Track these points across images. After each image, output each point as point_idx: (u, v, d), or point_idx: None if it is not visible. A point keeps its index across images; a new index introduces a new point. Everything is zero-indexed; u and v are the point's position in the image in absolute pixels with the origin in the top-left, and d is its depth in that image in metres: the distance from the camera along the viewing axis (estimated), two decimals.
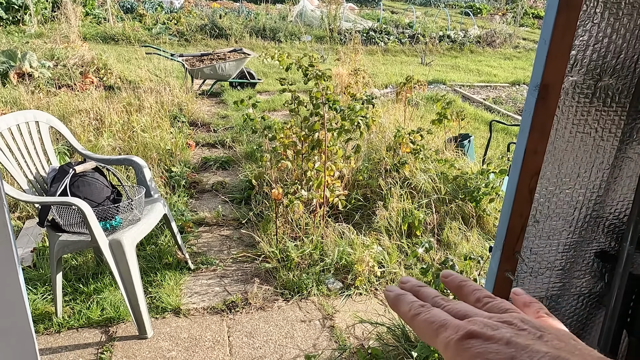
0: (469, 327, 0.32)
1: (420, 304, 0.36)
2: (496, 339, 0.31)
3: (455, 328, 0.32)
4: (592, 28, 0.91)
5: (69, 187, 2.35)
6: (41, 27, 9.93)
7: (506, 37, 12.85)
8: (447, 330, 0.32)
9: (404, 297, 0.37)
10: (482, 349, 0.30)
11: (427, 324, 0.34)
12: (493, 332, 0.31)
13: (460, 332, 0.31)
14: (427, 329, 0.34)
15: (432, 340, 0.33)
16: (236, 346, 2.40)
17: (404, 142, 3.84)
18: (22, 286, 1.19)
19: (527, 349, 0.30)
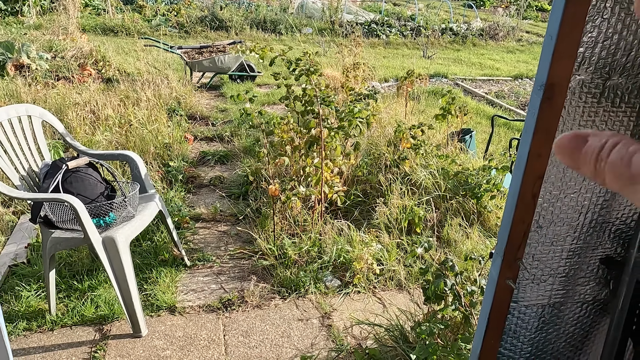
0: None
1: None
2: None
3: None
4: (601, 24, 0.86)
5: (61, 183, 2.31)
6: (40, 19, 9.85)
7: (509, 30, 12.73)
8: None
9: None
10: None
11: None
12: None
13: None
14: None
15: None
16: (232, 345, 2.37)
17: (405, 137, 3.79)
18: None
19: None
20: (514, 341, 1.14)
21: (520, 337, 1.14)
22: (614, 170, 0.23)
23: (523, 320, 1.12)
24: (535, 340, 1.15)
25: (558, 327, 1.15)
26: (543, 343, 1.16)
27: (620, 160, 0.23)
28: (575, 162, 0.25)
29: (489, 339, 1.09)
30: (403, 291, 2.81)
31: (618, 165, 0.23)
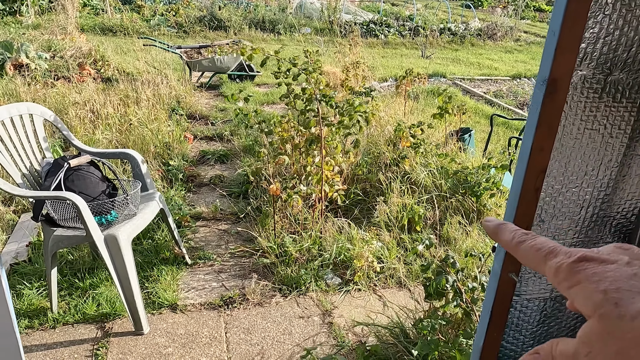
0: (582, 252, 0.30)
1: (524, 232, 0.35)
2: (612, 261, 0.29)
3: (567, 253, 0.31)
4: (603, 20, 0.87)
5: (63, 181, 2.31)
6: (38, 18, 9.84)
7: (507, 30, 12.76)
8: (557, 256, 0.31)
9: (506, 226, 0.36)
10: (599, 269, 0.28)
11: (534, 250, 0.33)
12: (608, 256, 0.30)
13: (573, 257, 0.30)
14: (534, 256, 0.33)
15: (539, 266, 0.32)
16: (233, 342, 2.38)
17: (404, 136, 3.80)
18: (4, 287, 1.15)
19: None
20: (516, 334, 1.16)
21: (523, 330, 1.15)
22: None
23: (525, 313, 1.13)
24: (537, 334, 1.17)
25: (560, 320, 1.16)
26: (545, 336, 1.18)
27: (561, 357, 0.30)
28: None
29: (491, 332, 1.11)
30: (403, 289, 2.82)
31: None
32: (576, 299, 0.29)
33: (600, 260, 0.29)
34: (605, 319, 0.27)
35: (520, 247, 0.34)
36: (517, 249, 0.34)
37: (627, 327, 0.26)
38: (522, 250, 0.34)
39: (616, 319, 0.26)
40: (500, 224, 0.37)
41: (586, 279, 0.29)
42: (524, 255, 0.34)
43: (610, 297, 0.27)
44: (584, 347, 0.28)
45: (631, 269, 0.28)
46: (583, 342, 0.28)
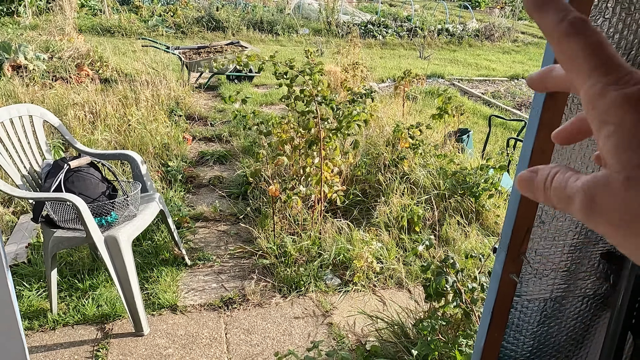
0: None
1: (580, 17, 0.26)
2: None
3: (626, 77, 0.24)
4: (603, 23, 0.88)
5: (63, 183, 2.32)
6: (36, 19, 9.82)
7: (505, 31, 12.79)
8: (611, 74, 0.24)
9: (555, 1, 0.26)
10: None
11: (587, 52, 0.24)
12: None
13: (637, 87, 0.23)
14: (582, 59, 0.25)
15: (581, 75, 0.25)
16: (233, 343, 2.38)
17: (403, 137, 3.81)
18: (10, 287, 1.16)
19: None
20: (517, 335, 1.17)
21: (523, 330, 1.16)
22: (556, 194, 0.26)
23: (526, 314, 1.14)
24: (538, 334, 1.18)
25: (560, 320, 1.17)
26: (545, 336, 1.18)
27: (559, 185, 0.26)
28: (532, 193, 0.28)
29: (492, 332, 1.11)
30: (403, 289, 2.83)
31: (558, 189, 0.26)
32: (609, 140, 0.24)
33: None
34: (632, 183, 0.23)
35: (567, 40, 0.25)
36: (562, 40, 0.25)
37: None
38: (568, 43, 0.25)
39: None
40: None
41: (636, 124, 0.23)
42: (567, 52, 0.25)
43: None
44: (588, 197, 0.24)
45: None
46: (589, 192, 0.24)
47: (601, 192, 0.24)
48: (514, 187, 1.00)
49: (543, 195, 0.27)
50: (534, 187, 0.28)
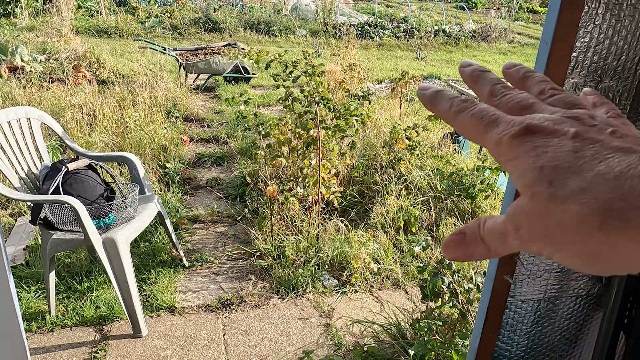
0: (526, 122, 0.27)
1: (463, 99, 0.31)
2: (560, 133, 0.26)
3: (510, 123, 0.27)
4: (593, 29, 0.90)
5: (61, 185, 2.32)
6: (32, 20, 9.81)
7: (501, 32, 12.84)
8: (499, 126, 0.28)
9: (443, 92, 0.32)
10: (541, 143, 0.26)
11: (474, 120, 0.29)
12: (556, 126, 0.26)
13: (516, 127, 0.27)
14: (473, 126, 0.29)
15: (479, 138, 0.29)
16: (231, 344, 2.40)
17: (400, 138, 3.83)
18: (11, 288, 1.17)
19: (595, 144, 0.25)
20: (511, 335, 1.18)
21: (517, 330, 1.18)
22: (491, 237, 0.28)
23: (520, 314, 1.16)
24: (532, 334, 1.19)
25: (553, 320, 1.19)
26: (539, 336, 1.20)
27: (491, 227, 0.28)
28: (467, 250, 0.30)
29: (487, 332, 1.13)
30: (400, 290, 2.85)
31: (491, 231, 0.28)
32: (513, 174, 0.27)
33: (546, 132, 0.26)
34: (536, 199, 0.25)
35: (458, 117, 0.30)
36: (455, 119, 0.30)
37: (556, 209, 0.24)
38: (460, 120, 0.30)
39: (547, 200, 0.24)
40: (436, 91, 0.32)
41: (525, 153, 0.26)
42: (463, 126, 0.30)
43: (545, 174, 0.25)
44: (512, 226, 0.26)
45: (575, 143, 0.25)
46: (512, 220, 0.26)
47: (520, 217, 0.26)
48: (508, 188, 1.02)
49: (481, 246, 0.29)
50: (468, 243, 0.29)
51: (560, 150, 0.25)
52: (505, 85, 0.32)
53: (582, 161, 0.24)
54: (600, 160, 0.24)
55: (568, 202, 0.24)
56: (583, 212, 0.23)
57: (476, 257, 0.29)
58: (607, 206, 0.23)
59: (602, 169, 0.24)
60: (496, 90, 0.32)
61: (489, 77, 0.33)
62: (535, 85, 0.32)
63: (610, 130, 0.26)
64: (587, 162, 0.24)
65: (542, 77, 0.33)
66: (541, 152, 0.25)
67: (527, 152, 0.26)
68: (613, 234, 0.23)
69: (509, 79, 0.36)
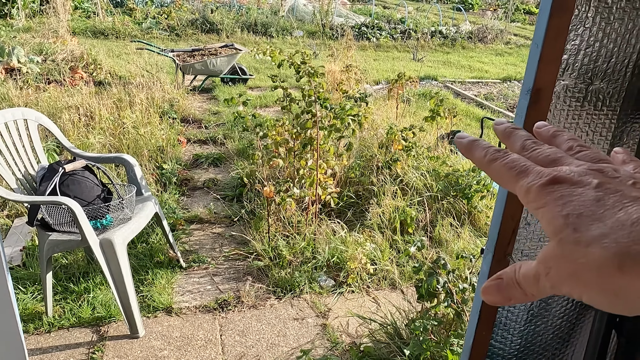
0: (553, 173, 0.29)
1: (497, 149, 0.33)
2: (584, 183, 0.29)
3: (539, 174, 0.30)
4: (583, 32, 0.92)
5: (58, 186, 2.33)
6: (29, 21, 9.79)
7: (497, 33, 12.89)
8: (528, 176, 0.30)
9: (478, 142, 0.35)
10: (567, 192, 0.28)
11: (506, 169, 0.32)
12: (581, 177, 0.29)
13: (545, 178, 0.29)
14: (505, 175, 0.32)
15: (510, 185, 0.31)
16: (228, 345, 2.40)
17: (396, 139, 3.85)
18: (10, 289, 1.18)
19: (616, 194, 0.28)
20: (505, 334, 1.20)
21: (511, 329, 1.20)
22: (526, 282, 0.30)
23: (513, 313, 1.17)
24: (525, 332, 1.21)
25: (546, 319, 1.20)
26: (532, 335, 1.22)
27: (525, 273, 0.30)
28: (505, 295, 0.32)
29: (480, 331, 1.14)
30: (396, 290, 2.86)
31: (526, 277, 0.30)
32: (542, 220, 0.29)
33: (571, 183, 0.29)
34: (563, 243, 0.27)
35: (492, 165, 0.33)
36: (489, 167, 0.33)
37: (581, 253, 0.26)
38: (493, 169, 0.33)
39: (572, 244, 0.27)
40: (473, 140, 0.36)
41: (552, 202, 0.28)
42: (496, 174, 0.33)
43: (570, 222, 0.27)
44: (544, 268, 0.28)
45: (597, 193, 0.28)
46: (543, 263, 0.29)
47: (550, 260, 0.28)
48: (500, 188, 1.03)
49: (518, 290, 0.31)
50: (505, 288, 0.31)
51: (584, 199, 0.28)
52: (536, 141, 0.35)
53: (603, 209, 0.27)
54: (620, 208, 0.27)
55: (591, 247, 0.26)
56: (604, 255, 0.25)
57: (514, 301, 0.31)
58: (625, 250, 0.25)
59: (622, 217, 0.26)
60: (527, 145, 0.34)
61: (521, 133, 0.36)
62: (564, 143, 0.35)
63: (632, 182, 0.29)
64: (608, 210, 0.27)
65: (570, 135, 0.36)
66: (567, 201, 0.28)
67: (554, 200, 0.28)
68: (631, 274, 0.25)
69: (539, 137, 0.38)
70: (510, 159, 0.32)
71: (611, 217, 0.26)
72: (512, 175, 0.31)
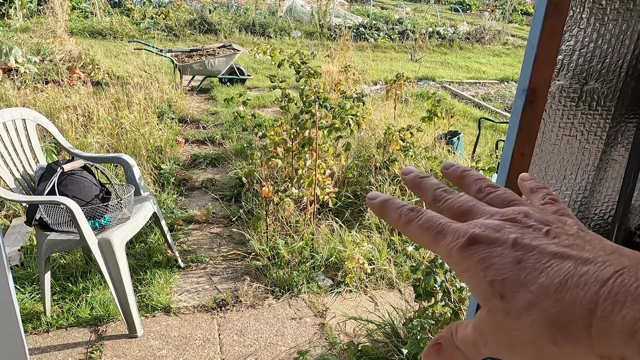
0: (470, 232, 0.28)
1: (410, 207, 0.32)
2: (501, 241, 0.27)
3: (456, 234, 0.29)
4: (578, 33, 0.93)
5: (57, 186, 2.33)
6: (27, 21, 9.78)
7: (495, 34, 12.92)
8: (446, 237, 0.29)
9: (391, 202, 0.33)
10: (486, 253, 0.27)
11: (423, 230, 0.30)
12: (496, 233, 0.28)
13: (462, 239, 0.28)
14: (423, 237, 0.30)
15: (431, 247, 0.30)
16: (227, 344, 2.41)
17: (394, 139, 3.86)
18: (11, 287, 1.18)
19: (534, 251, 0.26)
20: None
21: None
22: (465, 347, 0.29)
23: None
24: None
25: None
26: None
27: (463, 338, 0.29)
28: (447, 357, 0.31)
29: None
30: (394, 290, 2.87)
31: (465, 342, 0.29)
32: (469, 285, 0.28)
33: (488, 242, 0.27)
34: (493, 313, 0.26)
35: (408, 228, 0.31)
36: (406, 230, 0.31)
37: (513, 326, 0.25)
38: (410, 230, 0.31)
39: (503, 315, 0.26)
40: (385, 200, 0.33)
41: (474, 266, 0.27)
42: (413, 236, 0.31)
43: (496, 289, 0.26)
44: (481, 337, 0.27)
45: (516, 252, 0.26)
46: (479, 332, 0.28)
47: (485, 329, 0.27)
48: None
49: (458, 354, 0.29)
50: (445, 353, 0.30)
51: (505, 261, 0.26)
52: (446, 189, 0.33)
53: (525, 273, 0.26)
54: (540, 270, 0.25)
55: (522, 318, 0.25)
56: (535, 328, 0.24)
57: None
58: (555, 321, 0.24)
59: (544, 281, 0.25)
60: (438, 196, 0.33)
61: (429, 182, 0.34)
62: (473, 184, 0.34)
63: (545, 230, 0.28)
64: (530, 273, 0.25)
65: (477, 175, 0.35)
66: (489, 265, 0.27)
67: (476, 264, 0.27)
68: (565, 348, 0.24)
69: (448, 177, 0.38)
70: (424, 218, 0.30)
71: (534, 282, 0.25)
72: (430, 236, 0.30)
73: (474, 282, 0.27)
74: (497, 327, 0.26)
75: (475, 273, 0.27)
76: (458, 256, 0.28)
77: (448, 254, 0.29)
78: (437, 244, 0.29)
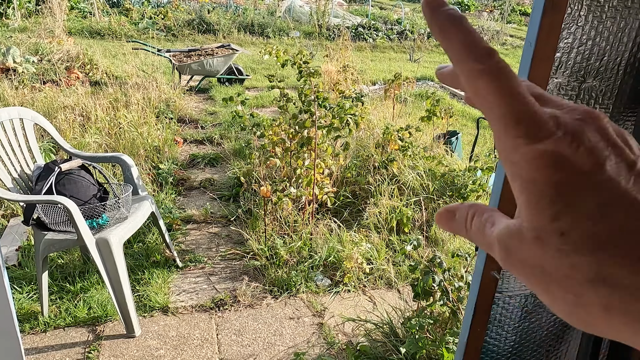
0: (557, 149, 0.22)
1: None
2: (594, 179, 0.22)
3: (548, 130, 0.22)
4: (576, 31, 0.93)
5: (54, 185, 2.33)
6: (25, 21, 9.76)
7: (493, 34, 12.93)
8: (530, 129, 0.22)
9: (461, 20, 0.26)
10: (568, 181, 0.22)
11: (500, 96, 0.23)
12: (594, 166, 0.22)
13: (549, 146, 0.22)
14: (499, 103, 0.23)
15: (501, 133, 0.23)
16: (225, 344, 2.40)
17: (393, 139, 3.86)
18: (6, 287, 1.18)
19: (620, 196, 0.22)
20: (499, 330, 1.21)
21: (505, 326, 1.20)
22: (477, 239, 0.26)
23: (507, 309, 1.18)
24: (519, 329, 1.22)
25: (540, 316, 1.21)
26: (526, 332, 1.23)
27: (477, 230, 0.26)
28: (455, 231, 0.27)
29: (475, 327, 1.15)
30: (392, 289, 2.87)
31: (477, 234, 0.25)
32: (521, 194, 0.23)
33: (580, 172, 0.22)
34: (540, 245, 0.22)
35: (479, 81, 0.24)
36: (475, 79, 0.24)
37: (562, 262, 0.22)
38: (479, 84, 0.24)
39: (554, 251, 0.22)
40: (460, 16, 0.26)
41: (545, 185, 0.22)
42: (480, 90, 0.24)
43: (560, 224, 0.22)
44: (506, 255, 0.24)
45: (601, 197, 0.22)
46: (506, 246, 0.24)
47: (514, 245, 0.23)
48: (495, 186, 1.04)
49: (466, 235, 0.27)
50: (455, 226, 0.27)
51: (584, 201, 0.22)
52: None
53: (602, 224, 0.21)
54: (630, 231, 0.21)
55: (578, 272, 0.21)
56: (591, 292, 0.21)
57: (463, 236, 0.27)
58: (624, 297, 0.21)
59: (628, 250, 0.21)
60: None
61: None
62: None
63: (636, 174, 0.22)
64: (608, 223, 0.21)
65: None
66: (563, 194, 0.22)
67: (547, 184, 0.22)
68: (616, 319, 0.21)
69: None
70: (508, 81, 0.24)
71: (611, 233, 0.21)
72: (502, 110, 0.23)
73: (533, 199, 0.22)
74: (537, 255, 0.22)
75: (540, 191, 0.22)
76: (530, 156, 0.22)
77: (514, 147, 0.23)
78: (504, 121, 0.23)
